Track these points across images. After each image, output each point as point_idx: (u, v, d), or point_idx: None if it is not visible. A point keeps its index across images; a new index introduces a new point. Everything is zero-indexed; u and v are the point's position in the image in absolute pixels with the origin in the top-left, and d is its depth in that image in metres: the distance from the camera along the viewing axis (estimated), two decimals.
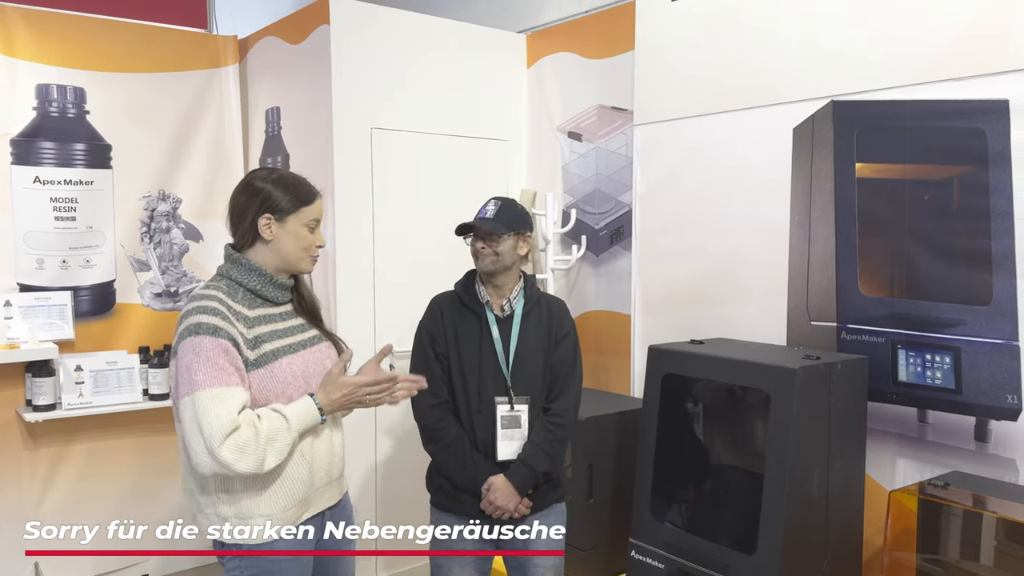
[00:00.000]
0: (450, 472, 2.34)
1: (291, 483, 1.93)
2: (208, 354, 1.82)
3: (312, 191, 2.05)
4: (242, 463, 1.79)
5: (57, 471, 3.61)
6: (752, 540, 2.22)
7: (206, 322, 1.85)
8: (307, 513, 2.00)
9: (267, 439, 1.82)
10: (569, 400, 2.42)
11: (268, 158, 3.86)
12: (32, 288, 3.53)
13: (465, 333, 2.37)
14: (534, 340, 2.39)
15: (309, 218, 2.02)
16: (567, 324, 2.47)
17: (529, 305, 2.42)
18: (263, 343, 1.94)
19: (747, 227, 2.85)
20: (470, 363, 2.35)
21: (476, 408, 2.33)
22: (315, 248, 2.05)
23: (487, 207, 2.41)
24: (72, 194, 3.60)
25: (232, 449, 1.77)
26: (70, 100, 3.61)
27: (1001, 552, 2.03)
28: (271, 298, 2.01)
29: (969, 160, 2.28)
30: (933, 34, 2.35)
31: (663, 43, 3.14)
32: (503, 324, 2.39)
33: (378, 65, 3.42)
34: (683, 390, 2.63)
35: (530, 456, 2.33)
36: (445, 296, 2.46)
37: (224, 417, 1.78)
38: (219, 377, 1.81)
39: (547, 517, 2.42)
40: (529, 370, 2.37)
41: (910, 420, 2.43)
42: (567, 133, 3.69)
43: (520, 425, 2.34)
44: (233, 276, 1.99)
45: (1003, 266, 2.21)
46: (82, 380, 3.49)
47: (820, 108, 2.61)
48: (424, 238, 3.52)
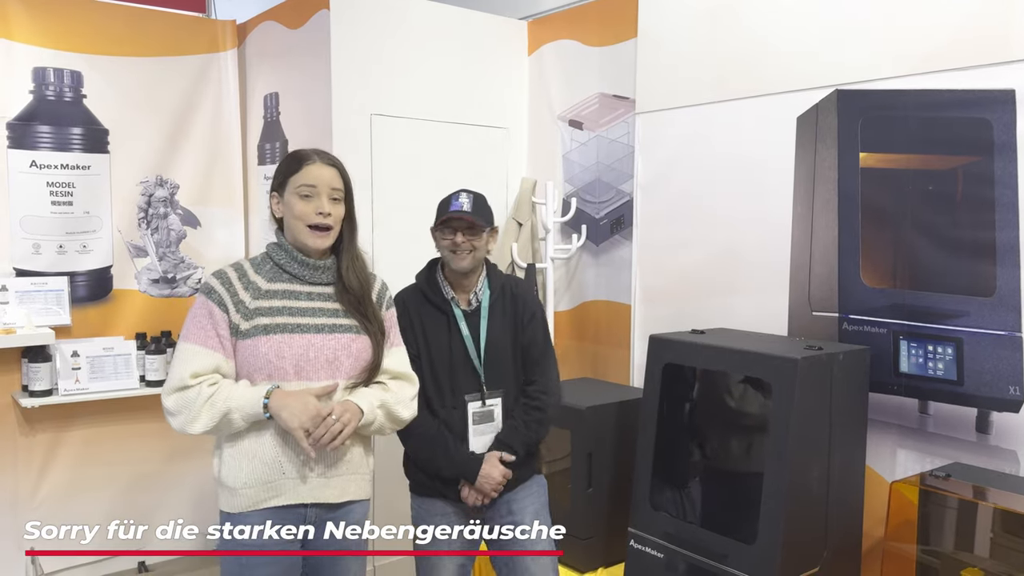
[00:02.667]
0: (437, 465, 2.30)
1: (255, 462, 1.91)
2: (196, 311, 1.93)
3: (301, 158, 1.99)
4: (176, 420, 1.89)
5: (53, 457, 3.60)
6: (752, 530, 2.22)
7: (207, 283, 1.96)
8: (276, 500, 1.93)
9: (204, 403, 1.87)
10: (545, 381, 2.39)
11: (266, 144, 3.83)
12: (28, 273, 3.51)
13: (433, 330, 2.32)
14: (502, 329, 2.35)
15: (298, 184, 1.96)
16: (532, 305, 2.42)
17: (495, 295, 2.38)
18: (260, 316, 1.92)
19: (749, 217, 2.83)
20: (441, 360, 2.30)
21: (451, 405, 2.30)
22: (312, 216, 1.95)
23: (459, 200, 2.31)
24: (69, 179, 3.58)
25: (173, 402, 1.88)
26: (67, 84, 3.58)
27: (1002, 544, 2.03)
28: (296, 274, 2.00)
29: (974, 150, 2.27)
30: (938, 23, 2.33)
31: (666, 30, 3.12)
32: (471, 318, 2.34)
33: (378, 51, 3.39)
34: (684, 380, 2.62)
35: (509, 437, 2.32)
36: (408, 291, 2.39)
37: (181, 371, 1.88)
38: (198, 336, 1.91)
39: (528, 487, 2.39)
40: (502, 361, 2.34)
41: (911, 411, 2.42)
42: (568, 121, 3.66)
43: (493, 419, 2.33)
44: (268, 250, 2.05)
45: (1007, 257, 2.20)
46: (79, 366, 3.47)
47: (824, 97, 2.59)
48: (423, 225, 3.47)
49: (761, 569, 2.18)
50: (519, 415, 2.35)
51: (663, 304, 3.17)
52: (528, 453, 2.37)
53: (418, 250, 3.46)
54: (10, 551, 3.51)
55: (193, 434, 1.88)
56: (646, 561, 2.51)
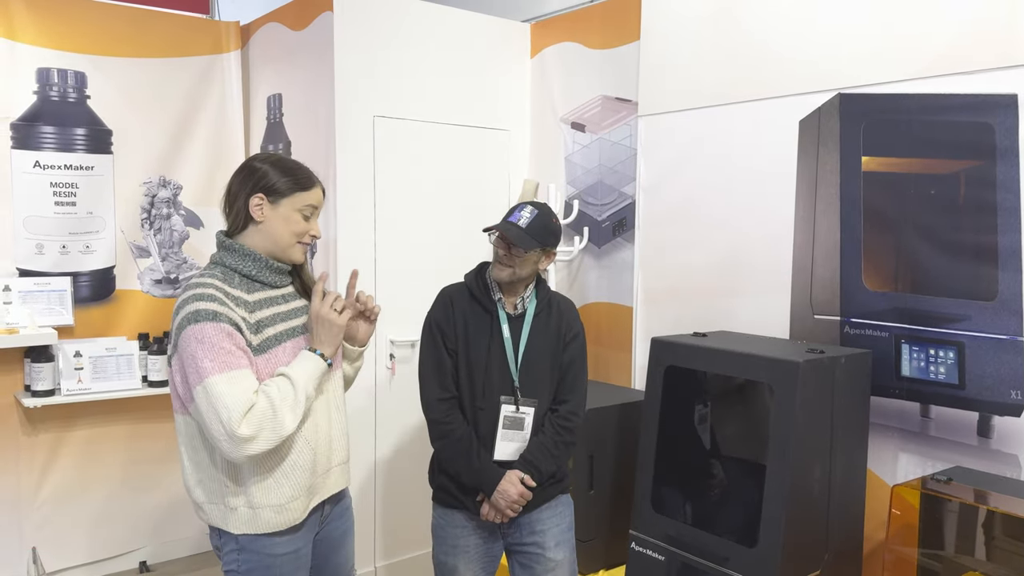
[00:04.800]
0: (457, 470, 2.28)
1: (298, 471, 1.91)
2: (212, 339, 1.78)
3: (311, 177, 2.00)
4: (262, 437, 1.77)
5: (55, 457, 3.61)
6: (753, 533, 2.22)
7: (204, 308, 1.80)
8: (313, 502, 1.97)
9: (281, 402, 1.81)
10: (577, 402, 2.36)
11: (269, 145, 3.84)
12: (32, 273, 3.51)
13: (476, 328, 2.29)
14: (543, 341, 2.33)
15: (304, 203, 1.96)
16: (576, 325, 2.40)
17: (541, 306, 2.35)
18: (265, 328, 1.91)
19: (751, 220, 2.84)
20: (478, 360, 2.28)
21: (480, 405, 2.27)
22: (308, 237, 1.98)
23: (521, 212, 2.26)
24: (72, 179, 3.58)
25: (251, 426, 1.75)
26: (71, 84, 3.59)
27: (1003, 548, 2.03)
28: (269, 282, 1.96)
29: (976, 154, 2.27)
30: (941, 27, 2.34)
31: (669, 33, 3.12)
32: (514, 323, 2.31)
33: (381, 53, 3.40)
34: (686, 382, 2.62)
35: (537, 458, 2.26)
36: (455, 288, 2.38)
37: (240, 397, 1.76)
38: (227, 361, 1.78)
39: (553, 507, 2.36)
40: (537, 371, 2.31)
41: (912, 415, 2.42)
42: (570, 124, 3.67)
43: (523, 428, 2.27)
44: (227, 263, 1.93)
45: (1009, 261, 2.20)
46: (81, 366, 3.48)
47: (827, 101, 2.60)
48: (426, 227, 3.51)
49: (762, 572, 2.19)
50: (550, 433, 2.30)
51: (665, 306, 3.17)
52: (549, 476, 2.31)
53: (420, 251, 3.48)
54: (13, 550, 3.52)
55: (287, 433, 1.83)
56: (647, 563, 2.51)
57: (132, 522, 3.81)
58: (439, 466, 2.36)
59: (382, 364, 3.42)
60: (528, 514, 2.31)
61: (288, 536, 1.92)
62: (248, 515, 1.87)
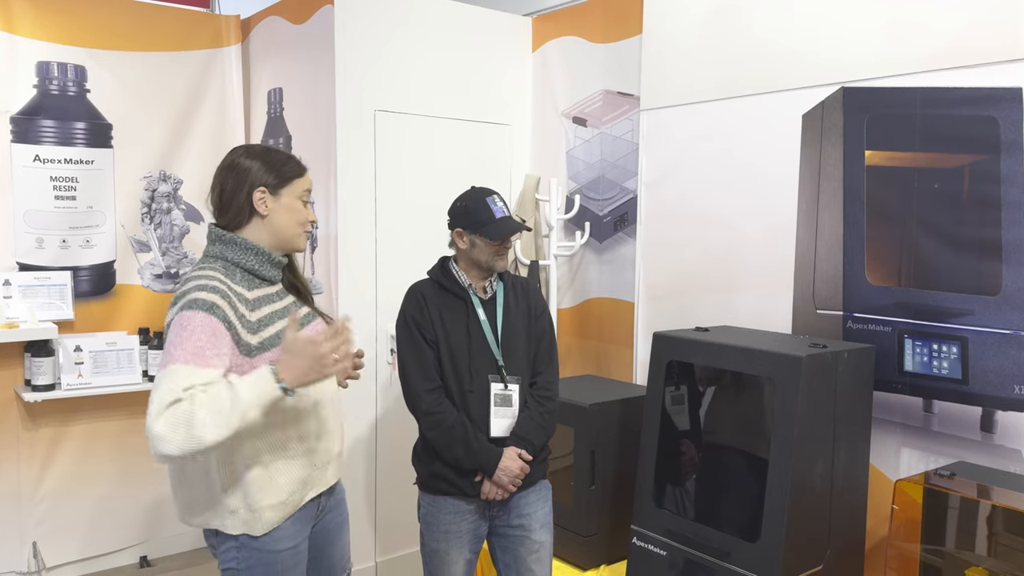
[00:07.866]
0: (455, 455, 2.30)
1: (295, 467, 1.91)
2: (194, 330, 1.71)
3: (300, 163, 2.01)
4: (174, 442, 1.61)
5: (55, 451, 3.60)
6: (755, 528, 2.22)
7: (204, 298, 1.76)
8: (309, 495, 1.97)
9: (206, 414, 1.64)
10: (552, 372, 2.48)
11: (270, 139, 3.83)
12: (32, 267, 3.51)
13: (451, 317, 2.37)
14: (518, 318, 2.43)
15: (302, 189, 1.98)
16: (542, 301, 2.54)
17: (508, 287, 2.46)
18: (266, 326, 1.89)
19: (753, 214, 2.83)
20: (459, 345, 2.35)
21: (468, 388, 2.34)
22: (308, 223, 2.00)
23: (499, 203, 2.37)
24: (72, 173, 3.58)
25: (167, 424, 1.61)
26: (71, 78, 3.57)
27: (1006, 543, 2.03)
28: (268, 277, 1.94)
29: (980, 148, 2.26)
30: (945, 20, 2.32)
31: (671, 27, 3.11)
32: (487, 305, 2.41)
33: (382, 47, 3.38)
34: (688, 377, 2.62)
35: (528, 432, 2.35)
36: (422, 283, 2.45)
37: (168, 390, 1.64)
38: (195, 357, 1.69)
39: (538, 491, 2.43)
40: (516, 348, 2.40)
41: (915, 410, 2.42)
42: (572, 118, 3.66)
43: (512, 404, 2.36)
44: (228, 257, 1.89)
45: (1013, 256, 2.19)
46: (81, 361, 3.48)
47: (830, 95, 2.59)
48: (427, 221, 3.48)
49: (764, 567, 2.18)
50: (534, 407, 2.38)
51: (667, 301, 3.16)
52: (541, 448, 2.40)
53: (420, 245, 3.46)
54: (13, 544, 3.52)
55: (204, 447, 1.64)
56: (649, 558, 2.50)
57: (133, 517, 3.81)
58: (430, 455, 2.38)
59: (382, 359, 3.42)
60: (515, 496, 2.37)
61: (287, 531, 1.91)
62: (248, 517, 1.86)
